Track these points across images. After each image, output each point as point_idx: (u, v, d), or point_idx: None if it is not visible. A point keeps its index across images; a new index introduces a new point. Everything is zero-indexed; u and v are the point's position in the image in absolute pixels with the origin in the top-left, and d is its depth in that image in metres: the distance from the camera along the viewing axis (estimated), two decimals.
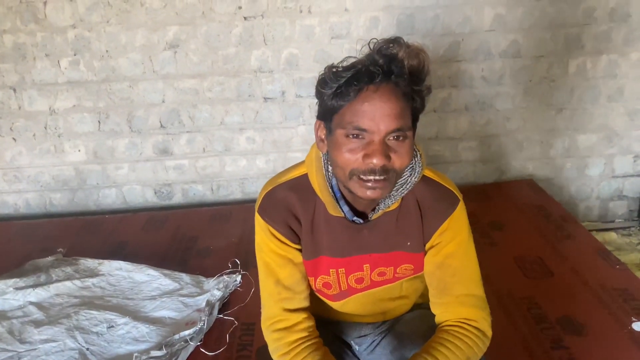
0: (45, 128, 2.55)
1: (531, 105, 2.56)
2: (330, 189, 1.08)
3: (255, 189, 2.66)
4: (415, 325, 1.25)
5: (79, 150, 2.59)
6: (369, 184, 0.97)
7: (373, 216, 1.11)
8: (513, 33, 2.43)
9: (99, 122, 2.54)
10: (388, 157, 0.96)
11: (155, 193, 2.69)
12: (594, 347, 1.49)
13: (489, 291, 1.75)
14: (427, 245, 1.14)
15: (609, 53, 2.47)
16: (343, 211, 1.10)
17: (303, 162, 1.15)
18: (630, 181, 2.71)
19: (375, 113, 0.94)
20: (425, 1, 2.37)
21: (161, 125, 2.56)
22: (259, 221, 1.14)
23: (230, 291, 1.87)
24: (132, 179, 2.66)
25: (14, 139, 2.56)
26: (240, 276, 1.93)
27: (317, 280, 1.17)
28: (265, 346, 1.44)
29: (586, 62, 2.48)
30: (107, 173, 2.64)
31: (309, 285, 1.19)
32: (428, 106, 2.61)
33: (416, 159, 1.10)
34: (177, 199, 2.71)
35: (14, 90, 2.48)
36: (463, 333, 1.09)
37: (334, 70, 0.97)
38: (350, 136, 0.96)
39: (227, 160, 2.63)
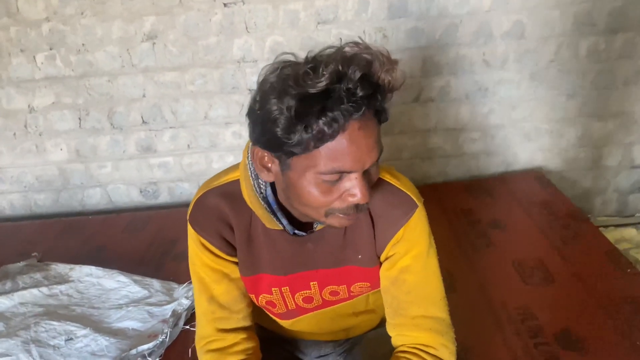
0: (26, 127, 2.45)
1: (539, 92, 2.35)
2: (262, 201, 0.93)
3: None
4: (375, 347, 1.10)
5: (61, 149, 2.49)
6: (347, 217, 0.84)
7: (317, 227, 0.95)
8: (516, 13, 2.22)
9: (79, 119, 2.44)
10: (368, 188, 0.82)
11: (141, 192, 2.58)
12: None
13: (480, 299, 1.60)
14: (382, 257, 0.98)
15: (625, 31, 2.23)
16: (282, 224, 0.94)
17: (235, 167, 1.00)
18: None
19: (361, 152, 0.78)
20: None
21: (143, 121, 2.44)
22: (190, 231, 1.01)
23: None
24: (117, 178, 2.55)
25: None
26: None
27: (259, 298, 1.03)
28: None
29: (599, 42, 2.25)
30: (91, 172, 2.54)
31: (251, 303, 1.05)
32: (425, 95, 2.40)
33: None
34: (164, 197, 2.59)
35: None
36: None
37: (302, 94, 0.73)
38: (326, 181, 0.80)
39: (213, 156, 2.50)
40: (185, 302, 1.69)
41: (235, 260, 1.00)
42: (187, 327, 1.62)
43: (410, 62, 2.30)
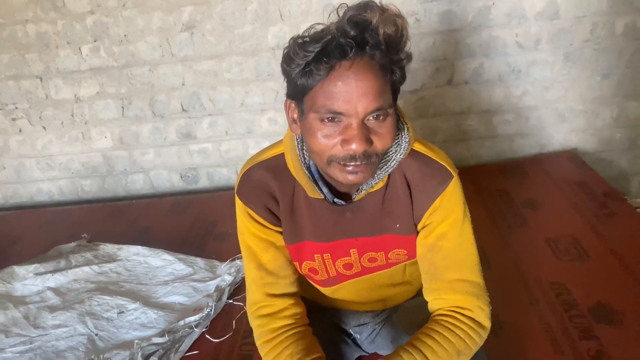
0: (72, 116, 2.58)
1: (573, 72, 2.34)
2: (306, 170, 0.99)
3: None
4: (412, 315, 1.15)
5: (105, 137, 2.61)
6: (350, 169, 0.88)
7: (356, 197, 1.01)
8: None
9: (122, 107, 2.55)
10: (369, 141, 0.86)
11: (182, 177, 2.68)
12: (628, 337, 1.33)
13: (514, 276, 1.63)
14: (419, 226, 1.02)
15: None
16: (323, 193, 1.00)
17: (280, 141, 1.06)
18: None
19: (351, 94, 0.83)
20: None
21: (183, 109, 2.53)
22: (237, 203, 1.07)
23: (243, 276, 1.82)
24: (158, 164, 2.66)
25: (43, 127, 2.61)
26: None
27: (302, 265, 1.09)
28: None
29: (636, 20, 2.23)
30: (134, 159, 2.65)
31: (297, 270, 1.11)
32: (458, 78, 2.41)
33: (403, 134, 0.98)
34: (203, 182, 2.69)
35: (40, 79, 2.51)
36: (454, 323, 0.98)
37: (300, 42, 0.85)
38: (325, 120, 0.86)
39: (249, 142, 2.58)
40: (228, 278, 1.77)
41: (280, 230, 1.06)
42: (231, 301, 1.70)
43: (443, 45, 2.32)
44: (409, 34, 0.87)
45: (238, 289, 1.78)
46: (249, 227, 1.06)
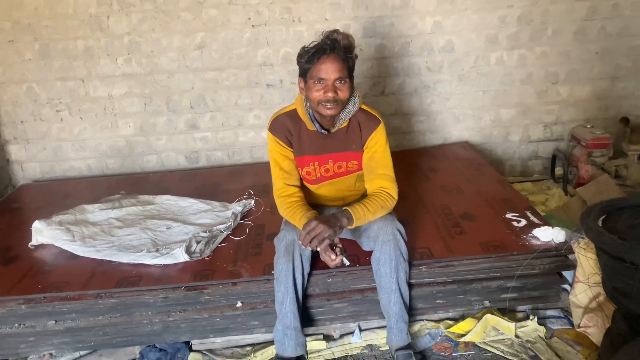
0: (104, 109, 3.43)
1: (464, 88, 3.47)
2: (308, 115, 1.98)
3: (261, 155, 3.54)
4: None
5: (129, 126, 3.47)
6: (328, 106, 1.87)
7: (333, 130, 2.00)
8: (448, 35, 3.34)
9: (144, 104, 3.43)
10: (336, 93, 1.86)
11: (186, 158, 3.57)
12: (477, 227, 2.37)
13: (419, 203, 2.67)
14: (364, 147, 2.03)
15: (519, 48, 3.38)
16: (316, 127, 1.99)
17: (294, 102, 2.04)
18: (543, 145, 3.61)
19: (328, 69, 1.84)
20: (383, 12, 3.28)
21: (191, 107, 3.44)
22: (269, 135, 2.03)
23: (247, 209, 2.75)
24: (169, 148, 3.54)
25: (80, 117, 3.44)
26: (253, 201, 2.82)
27: (303, 170, 2.06)
28: (271, 234, 2.32)
29: (503, 55, 3.39)
30: (150, 143, 3.52)
31: (299, 174, 2.08)
32: (388, 90, 3.54)
33: (356, 99, 2.00)
34: (202, 162, 3.59)
35: (83, 80, 3.36)
36: (378, 195, 1.98)
37: (306, 48, 1.87)
38: (316, 82, 1.85)
39: (239, 132, 3.52)
40: (239, 208, 2.70)
41: (292, 150, 2.03)
42: (242, 221, 2.62)
43: (378, 67, 3.38)
44: (355, 45, 1.89)
45: (245, 215, 2.70)
46: (276, 148, 2.03)
